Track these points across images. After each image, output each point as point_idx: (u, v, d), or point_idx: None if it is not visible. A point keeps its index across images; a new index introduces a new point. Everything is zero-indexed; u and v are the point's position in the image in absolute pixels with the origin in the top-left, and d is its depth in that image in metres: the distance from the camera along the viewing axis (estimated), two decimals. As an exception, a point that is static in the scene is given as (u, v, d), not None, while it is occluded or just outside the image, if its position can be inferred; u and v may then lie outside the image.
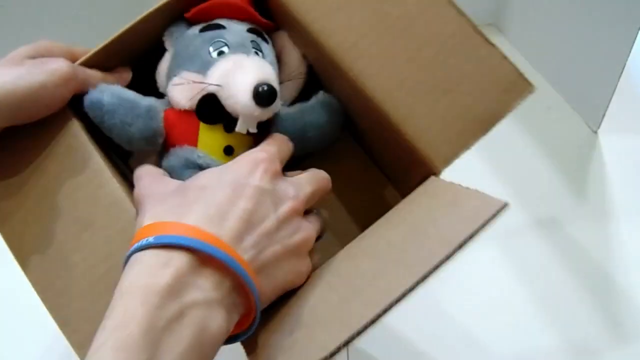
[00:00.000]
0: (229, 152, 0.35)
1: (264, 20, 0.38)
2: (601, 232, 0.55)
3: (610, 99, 0.61)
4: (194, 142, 0.35)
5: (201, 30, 0.37)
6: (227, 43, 0.35)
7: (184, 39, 0.37)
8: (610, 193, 0.59)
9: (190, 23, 0.38)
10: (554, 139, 0.65)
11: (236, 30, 0.36)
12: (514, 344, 0.47)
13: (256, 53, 0.36)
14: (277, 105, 0.34)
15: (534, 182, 0.61)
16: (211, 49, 0.35)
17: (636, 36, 0.55)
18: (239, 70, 0.34)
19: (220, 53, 0.35)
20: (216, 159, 0.35)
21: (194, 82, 0.34)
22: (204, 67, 0.35)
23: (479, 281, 0.51)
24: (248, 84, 0.33)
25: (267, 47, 0.37)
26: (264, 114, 0.34)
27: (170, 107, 0.36)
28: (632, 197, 0.58)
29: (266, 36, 0.38)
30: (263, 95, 0.32)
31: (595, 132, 0.65)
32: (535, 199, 0.58)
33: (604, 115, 0.64)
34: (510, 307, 0.49)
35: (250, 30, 0.37)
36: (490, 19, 0.86)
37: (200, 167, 0.35)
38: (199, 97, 0.34)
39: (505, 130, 0.67)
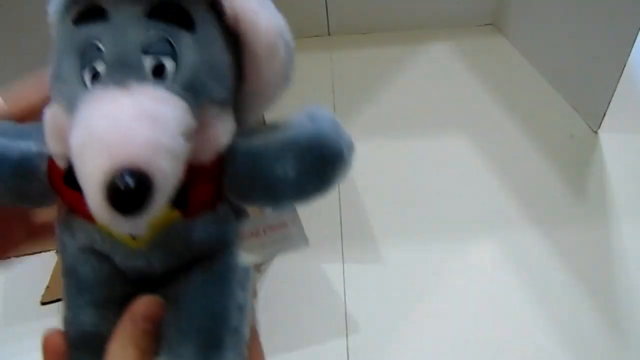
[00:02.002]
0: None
1: None
2: (601, 232, 0.55)
3: (610, 99, 0.61)
4: (89, 215, 0.21)
5: (76, 21, 0.22)
6: (103, 54, 0.21)
7: (61, 31, 0.24)
8: (610, 193, 0.59)
9: None
10: (554, 139, 0.65)
11: (123, 20, 0.21)
12: (514, 344, 0.47)
13: (156, 71, 0.21)
14: (160, 205, 0.20)
15: (534, 181, 0.60)
16: (82, 66, 0.21)
17: (636, 36, 0.55)
18: (88, 141, 0.19)
19: (96, 76, 0.21)
20: (122, 243, 0.24)
21: (56, 131, 0.22)
22: (70, 103, 0.21)
23: (479, 281, 0.51)
24: (96, 177, 0.18)
25: (192, 40, 0.22)
26: (131, 221, 0.19)
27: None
28: (632, 197, 0.58)
29: (196, 12, 0.22)
30: (122, 198, 0.18)
31: (596, 132, 0.65)
32: (535, 198, 0.58)
33: (604, 115, 0.64)
34: (509, 307, 0.49)
35: (154, 12, 0.21)
36: (490, 19, 0.86)
37: (100, 254, 0.25)
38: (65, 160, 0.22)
39: (505, 130, 0.67)
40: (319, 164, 0.23)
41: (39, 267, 0.49)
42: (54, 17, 0.24)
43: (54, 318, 0.27)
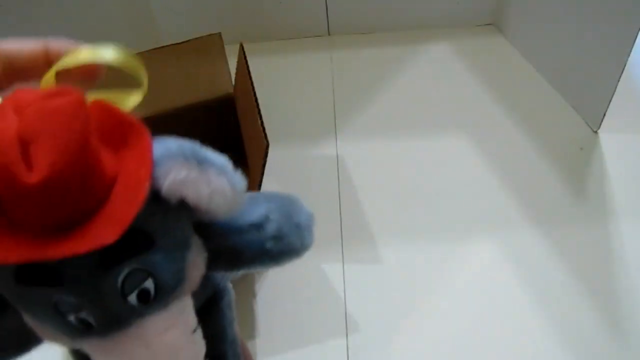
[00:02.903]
0: None
1: (128, 216, 0.19)
2: (601, 232, 0.55)
3: (610, 99, 0.61)
4: None
5: (28, 281, 0.20)
6: (86, 318, 0.22)
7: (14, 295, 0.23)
8: (610, 193, 0.59)
9: None
10: (554, 139, 0.65)
11: (82, 277, 0.21)
12: (514, 344, 0.47)
13: (144, 296, 0.22)
14: None
15: (534, 181, 0.61)
16: (62, 320, 0.21)
17: (636, 36, 0.55)
18: None
19: (92, 327, 0.22)
20: None
21: None
22: (68, 343, 0.23)
23: (479, 281, 0.51)
24: None
25: (159, 255, 0.22)
26: None
27: None
28: (632, 197, 0.58)
29: (147, 224, 0.21)
30: None
31: (596, 132, 0.65)
32: (535, 198, 0.58)
33: (604, 115, 0.64)
34: (509, 306, 0.49)
35: (111, 260, 0.21)
36: (490, 19, 0.86)
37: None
38: None
39: (505, 130, 0.67)
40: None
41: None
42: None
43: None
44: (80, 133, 0.18)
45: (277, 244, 0.27)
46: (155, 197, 0.21)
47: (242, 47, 0.54)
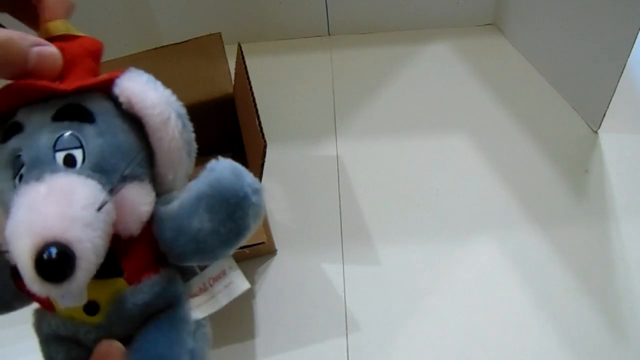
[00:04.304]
0: (93, 310, 0.26)
1: (88, 82, 0.26)
2: (601, 232, 0.55)
3: (610, 99, 0.61)
4: (49, 306, 0.27)
5: (3, 139, 0.26)
6: (24, 160, 0.25)
7: None
8: (610, 193, 0.59)
9: None
10: (554, 139, 0.65)
11: (35, 128, 0.25)
12: (514, 344, 0.47)
13: (68, 161, 0.25)
14: (87, 272, 0.22)
15: (534, 181, 0.61)
16: (14, 175, 0.25)
17: (636, 36, 0.55)
18: (15, 228, 0.22)
19: (21, 177, 0.25)
20: (81, 320, 0.26)
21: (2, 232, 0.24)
22: (6, 204, 0.25)
23: (479, 281, 0.51)
24: (24, 256, 0.22)
25: (93, 130, 0.26)
26: (64, 288, 0.22)
27: None
28: (632, 197, 0.58)
29: (95, 107, 0.26)
30: (49, 268, 0.21)
31: (596, 132, 0.65)
32: (535, 198, 0.58)
33: (604, 115, 0.64)
34: (509, 306, 0.49)
35: (59, 115, 0.26)
36: (490, 19, 0.86)
37: (67, 339, 0.27)
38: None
39: (505, 130, 0.67)
40: (226, 208, 0.26)
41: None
42: None
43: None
44: None
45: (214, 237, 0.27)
46: (111, 98, 0.27)
47: (240, 47, 0.54)
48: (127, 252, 0.26)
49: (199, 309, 0.29)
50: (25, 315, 0.29)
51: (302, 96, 0.76)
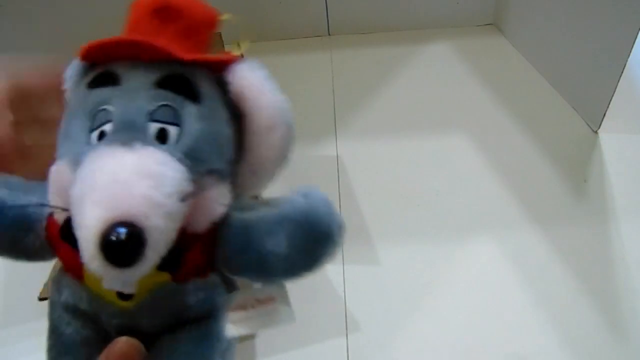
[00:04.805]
0: (127, 295, 0.23)
1: (207, 58, 0.24)
2: (601, 232, 0.55)
3: (610, 99, 0.61)
4: (79, 274, 0.24)
5: (90, 84, 0.24)
6: (112, 117, 0.22)
7: (75, 95, 0.25)
8: (610, 193, 0.59)
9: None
10: (554, 139, 0.65)
11: (134, 87, 0.23)
12: (514, 343, 0.47)
13: (160, 136, 0.22)
14: (152, 262, 0.20)
15: (533, 181, 0.60)
16: (89, 126, 0.23)
17: (636, 36, 0.55)
18: (89, 192, 0.20)
19: (102, 135, 0.22)
20: (108, 303, 0.24)
21: (59, 187, 0.22)
22: (76, 158, 0.22)
23: (479, 281, 0.51)
24: (92, 227, 0.19)
25: (196, 111, 0.23)
26: (123, 274, 0.20)
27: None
28: (632, 197, 0.58)
29: (202, 86, 0.24)
30: (115, 250, 0.19)
31: (596, 132, 0.65)
32: (535, 198, 0.58)
33: (604, 115, 0.64)
34: (509, 306, 0.49)
35: (163, 82, 0.23)
36: (490, 19, 0.86)
37: (85, 315, 0.25)
38: (64, 214, 0.23)
39: (505, 130, 0.67)
40: (309, 241, 0.24)
41: (38, 266, 0.49)
42: (69, 82, 0.25)
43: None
44: None
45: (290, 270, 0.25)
46: (222, 83, 0.24)
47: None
48: (187, 248, 0.23)
49: (234, 326, 0.26)
50: (25, 316, 0.29)
51: (302, 96, 0.76)
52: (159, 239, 0.20)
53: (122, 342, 0.24)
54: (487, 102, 0.72)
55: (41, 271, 0.51)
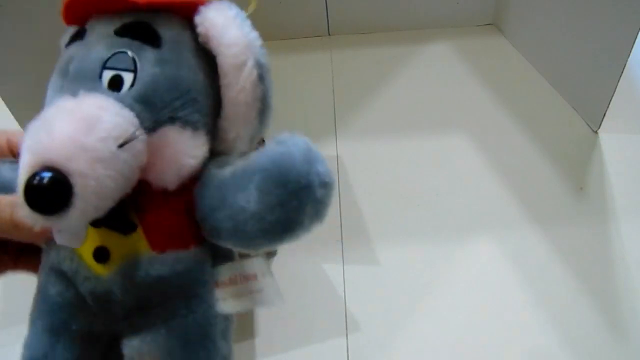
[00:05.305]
0: (102, 257, 0.22)
1: (166, 1, 0.23)
2: (601, 232, 0.55)
3: (610, 99, 0.61)
4: (48, 234, 0.24)
5: (68, 42, 0.24)
6: (70, 70, 0.22)
7: (58, 57, 0.25)
8: (610, 193, 0.59)
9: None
10: (554, 139, 0.65)
11: (94, 39, 0.23)
12: (514, 343, 0.47)
13: (114, 83, 0.21)
14: (82, 212, 0.19)
15: (534, 181, 0.60)
16: (60, 80, 0.23)
17: (636, 36, 0.55)
18: (26, 139, 0.20)
19: (62, 88, 0.23)
20: (87, 265, 0.23)
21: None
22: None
23: (479, 281, 0.51)
24: (22, 174, 0.19)
25: (153, 56, 0.22)
26: (51, 222, 0.19)
27: None
28: (632, 197, 0.58)
29: (166, 32, 0.23)
30: (37, 195, 0.18)
31: (596, 132, 0.65)
32: (534, 198, 0.58)
33: (604, 115, 0.64)
34: (509, 306, 0.49)
35: (122, 30, 0.23)
36: (490, 19, 0.86)
37: (65, 276, 0.24)
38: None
39: (505, 130, 0.67)
40: (281, 193, 0.21)
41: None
42: (62, 48, 0.25)
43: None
44: None
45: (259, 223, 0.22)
46: (190, 24, 0.23)
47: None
48: (153, 207, 0.22)
49: (225, 303, 0.24)
50: (25, 316, 0.29)
51: (302, 96, 0.75)
52: (88, 186, 0.19)
53: None
54: (487, 102, 0.72)
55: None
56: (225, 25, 0.23)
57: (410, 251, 0.54)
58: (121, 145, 0.20)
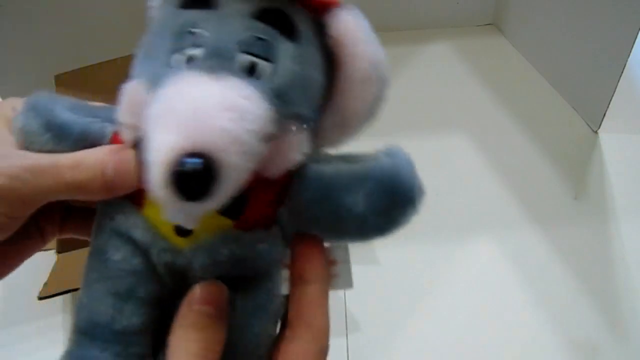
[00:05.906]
0: (184, 231, 0.22)
1: None
2: (601, 232, 0.55)
3: (610, 99, 0.61)
4: (138, 201, 0.22)
5: (183, 4, 0.22)
6: (203, 42, 0.21)
7: (162, 13, 0.24)
8: (610, 193, 0.59)
9: None
10: (554, 139, 0.65)
11: (229, 13, 0.21)
12: (514, 343, 0.47)
13: (249, 69, 0.21)
14: (220, 200, 0.19)
15: (534, 181, 0.60)
16: (174, 47, 0.21)
17: (636, 36, 0.55)
18: (166, 116, 0.19)
19: (190, 59, 0.21)
20: (163, 238, 0.22)
21: (132, 105, 0.21)
22: (155, 79, 0.21)
23: (479, 281, 0.51)
24: (165, 153, 0.18)
25: (293, 50, 0.21)
26: (190, 207, 0.19)
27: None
28: (632, 197, 0.58)
29: (301, 25, 0.22)
30: (186, 180, 0.18)
31: (596, 132, 0.65)
32: (535, 198, 0.58)
33: (604, 115, 0.64)
34: (509, 306, 0.49)
35: (261, 14, 0.21)
36: (490, 19, 0.86)
37: (135, 244, 0.23)
38: (131, 134, 0.22)
39: (505, 130, 0.67)
40: (389, 204, 0.23)
41: (36, 266, 0.49)
42: (163, 5, 0.24)
43: (52, 318, 0.27)
44: None
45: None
46: (319, 26, 0.23)
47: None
48: (255, 194, 0.22)
49: (286, 284, 0.25)
50: (25, 316, 0.29)
51: (302, 96, 0.76)
52: (233, 177, 0.19)
53: (202, 286, 0.22)
54: (487, 102, 0.72)
55: (41, 271, 0.51)
56: (362, 37, 0.23)
57: (410, 251, 0.54)
58: (262, 140, 0.20)
